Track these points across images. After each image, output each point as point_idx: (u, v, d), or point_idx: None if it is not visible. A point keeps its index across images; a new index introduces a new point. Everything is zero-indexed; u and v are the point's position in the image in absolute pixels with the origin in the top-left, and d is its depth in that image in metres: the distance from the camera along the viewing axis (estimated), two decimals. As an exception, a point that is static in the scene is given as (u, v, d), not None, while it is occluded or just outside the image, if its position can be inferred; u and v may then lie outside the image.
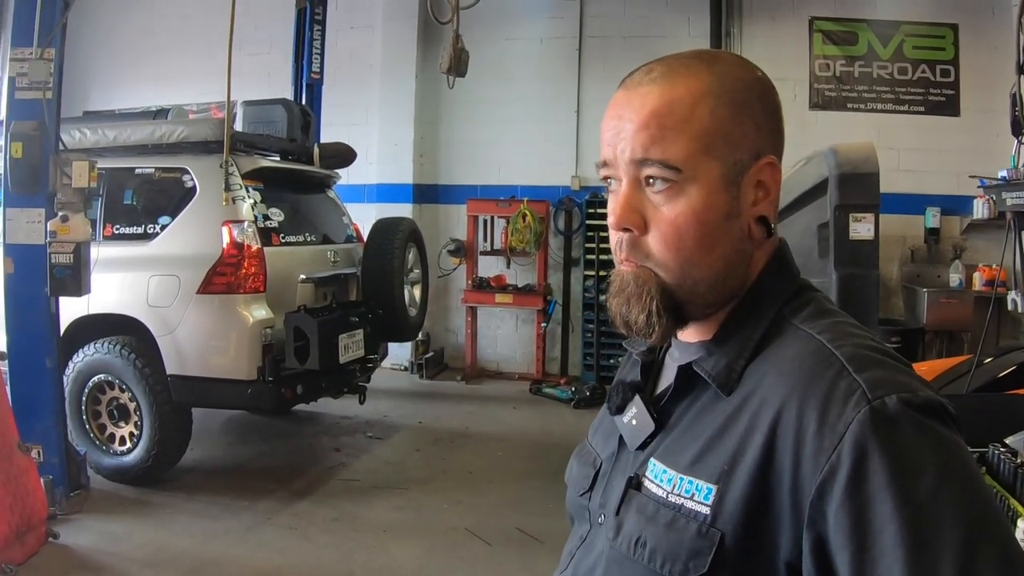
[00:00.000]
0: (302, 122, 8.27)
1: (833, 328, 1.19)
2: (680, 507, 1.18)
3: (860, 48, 10.29)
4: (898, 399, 1.04)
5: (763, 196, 1.28)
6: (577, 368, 11.07)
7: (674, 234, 1.22)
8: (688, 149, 1.20)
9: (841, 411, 1.05)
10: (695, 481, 1.17)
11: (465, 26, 8.02)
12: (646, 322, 1.26)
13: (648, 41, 10.37)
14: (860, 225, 6.43)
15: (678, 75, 1.23)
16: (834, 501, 1.02)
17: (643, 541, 1.20)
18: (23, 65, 5.66)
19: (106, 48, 12.66)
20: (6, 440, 5.22)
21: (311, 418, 8.76)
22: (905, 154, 9.87)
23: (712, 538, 1.12)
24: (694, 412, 1.27)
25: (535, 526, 5.90)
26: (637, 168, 1.23)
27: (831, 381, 1.09)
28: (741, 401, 1.19)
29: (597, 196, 10.66)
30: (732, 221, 1.25)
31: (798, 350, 1.17)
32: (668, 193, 1.22)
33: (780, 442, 1.09)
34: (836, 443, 1.03)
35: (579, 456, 1.55)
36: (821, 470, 1.03)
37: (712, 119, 1.22)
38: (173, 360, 6.37)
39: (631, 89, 1.26)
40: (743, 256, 1.28)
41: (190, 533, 5.69)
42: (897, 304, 10.04)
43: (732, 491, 1.12)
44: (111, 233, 6.70)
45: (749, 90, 1.26)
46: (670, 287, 1.25)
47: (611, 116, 1.27)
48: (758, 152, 1.26)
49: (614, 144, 1.25)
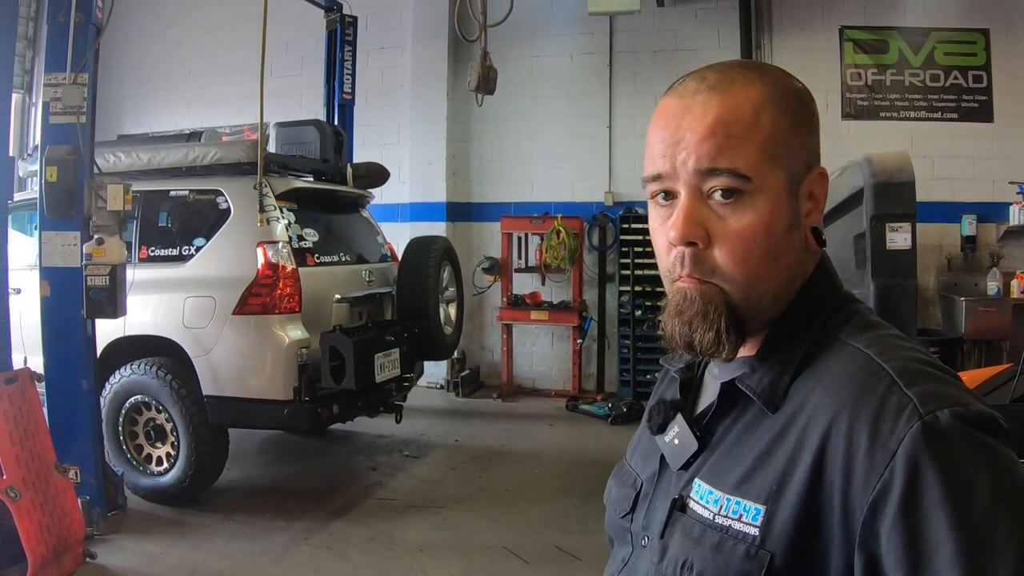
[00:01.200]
0: (335, 142, 8.28)
1: (880, 341, 1.16)
2: (728, 528, 1.15)
3: (891, 56, 10.19)
4: (951, 413, 1.00)
5: (813, 207, 1.26)
6: (613, 384, 11.00)
7: (742, 246, 1.19)
8: (756, 158, 1.17)
9: (893, 427, 1.01)
10: (743, 502, 1.14)
11: (494, 44, 8.04)
12: (714, 340, 1.21)
13: (678, 55, 10.34)
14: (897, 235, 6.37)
15: (735, 83, 1.20)
16: (887, 520, 0.99)
17: (689, 564, 1.17)
18: (57, 90, 5.72)
19: (139, 73, 12.84)
20: (43, 461, 5.25)
21: (347, 437, 8.75)
22: (939, 162, 9.79)
23: (761, 560, 1.09)
24: (738, 430, 1.23)
25: (573, 543, 5.86)
26: (702, 179, 1.19)
27: (881, 396, 1.05)
28: (788, 418, 1.15)
29: (632, 211, 10.64)
30: (794, 232, 1.23)
31: (846, 365, 1.14)
32: (735, 204, 1.18)
33: (830, 460, 1.06)
34: (888, 460, 1.00)
35: (618, 477, 1.52)
36: (873, 488, 1.00)
37: (775, 127, 1.19)
38: (209, 381, 6.38)
39: (687, 97, 1.21)
40: (802, 268, 1.26)
41: (226, 553, 5.69)
42: (934, 314, 9.92)
43: (781, 511, 1.09)
44: (146, 255, 6.74)
45: (800, 100, 1.25)
46: (735, 302, 1.21)
47: (663, 126, 1.23)
48: (810, 162, 1.24)
49: (671, 155, 1.20)
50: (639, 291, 10.50)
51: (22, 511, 4.94)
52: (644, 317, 10.39)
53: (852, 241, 6.70)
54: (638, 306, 10.47)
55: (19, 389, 5.26)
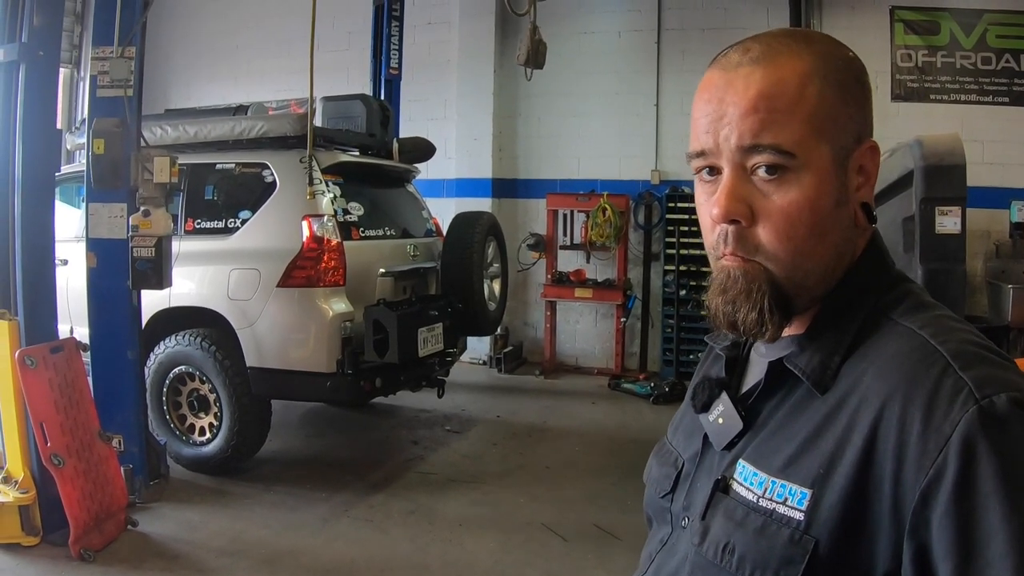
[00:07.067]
0: (381, 117, 8.29)
1: (935, 322, 1.13)
2: (772, 512, 1.12)
3: (942, 38, 10.00)
4: (1007, 398, 0.98)
5: (864, 181, 1.22)
6: (656, 364, 10.96)
7: (787, 224, 1.15)
8: (801, 133, 1.14)
9: (947, 411, 0.99)
10: (788, 485, 1.11)
11: (542, 20, 8.00)
12: (757, 320, 1.19)
13: (727, 33, 10.15)
14: (946, 219, 6.28)
15: (780, 55, 1.17)
16: (939, 508, 0.96)
17: (731, 547, 1.15)
18: (104, 64, 5.77)
19: (185, 48, 12.93)
20: (87, 429, 5.33)
21: (389, 411, 8.79)
22: (989, 146, 9.59)
23: (806, 546, 1.07)
24: (785, 411, 1.20)
25: (612, 522, 5.85)
26: (745, 155, 1.16)
27: (936, 379, 1.02)
28: (838, 400, 1.12)
29: (678, 190, 10.58)
30: (842, 208, 1.19)
31: (899, 346, 1.11)
32: (779, 180, 1.15)
33: (881, 444, 1.03)
34: (942, 445, 0.97)
35: (659, 456, 1.49)
36: (926, 474, 0.97)
37: (821, 100, 1.15)
38: (253, 352, 6.42)
39: (729, 70, 1.18)
40: (850, 245, 1.22)
41: (266, 523, 5.75)
42: (981, 301, 9.74)
43: (828, 496, 1.06)
44: (192, 228, 6.79)
45: (849, 70, 1.20)
46: (780, 281, 1.18)
47: (707, 100, 1.19)
48: (860, 135, 1.20)
49: (714, 131, 1.18)
50: (684, 271, 10.45)
51: (65, 478, 5.02)
52: (688, 297, 10.35)
53: (900, 224, 6.62)
54: (683, 286, 10.43)
55: (65, 358, 5.33)
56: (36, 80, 5.47)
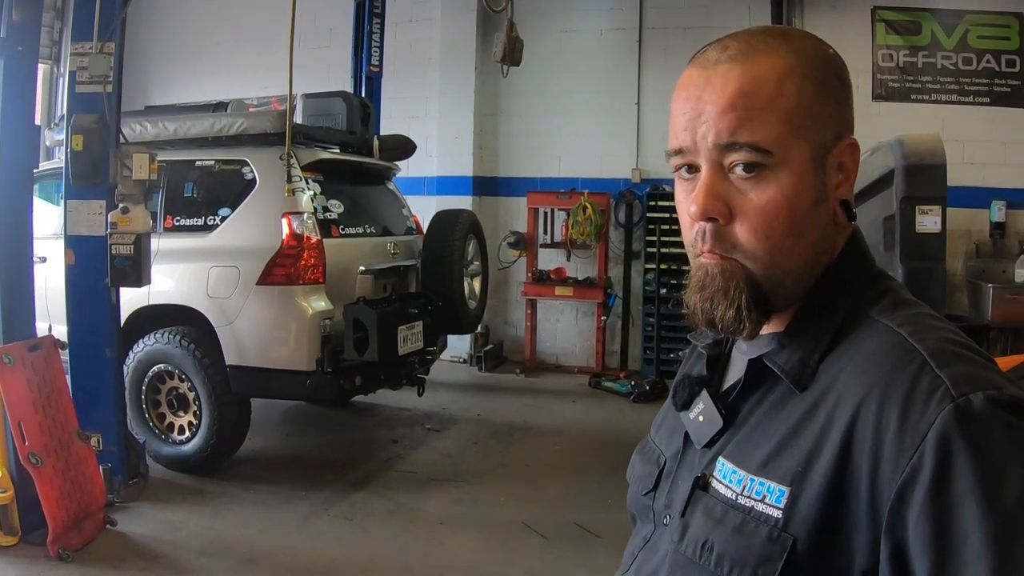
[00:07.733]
0: (362, 114, 8.25)
1: (914, 320, 1.13)
2: (750, 510, 1.12)
3: (924, 38, 10.05)
4: (984, 396, 0.97)
5: (843, 179, 1.22)
6: (637, 362, 10.97)
7: (764, 222, 1.15)
8: (778, 130, 1.13)
9: (924, 409, 0.98)
10: (766, 482, 1.11)
11: (523, 18, 7.99)
12: (735, 318, 1.18)
13: (709, 31, 9.96)
14: (927, 218, 6.32)
15: (758, 52, 1.16)
16: (915, 506, 0.95)
17: (710, 545, 1.15)
18: (84, 59, 5.73)
19: (165, 44, 12.84)
20: (66, 428, 5.30)
21: (369, 409, 8.77)
22: (970, 146, 9.64)
23: (784, 543, 1.07)
24: (765, 409, 1.20)
25: (592, 520, 5.86)
26: (722, 153, 1.15)
27: (913, 377, 1.02)
28: (816, 398, 1.12)
29: (659, 188, 10.61)
30: (820, 206, 1.19)
31: (877, 344, 1.10)
32: (757, 178, 1.15)
33: (858, 442, 1.03)
34: (918, 443, 0.97)
35: (642, 453, 1.49)
36: (902, 472, 0.97)
37: (799, 98, 1.15)
38: (232, 351, 6.40)
39: (707, 68, 1.18)
40: (829, 243, 1.22)
41: (246, 522, 5.73)
42: (961, 300, 9.80)
43: (806, 494, 1.06)
44: (171, 225, 6.76)
45: (828, 67, 1.20)
46: (758, 279, 1.18)
47: (685, 98, 1.19)
48: (839, 132, 1.20)
49: (692, 129, 1.17)
50: (664, 269, 10.46)
51: (43, 477, 4.98)
52: (669, 295, 10.36)
53: (881, 223, 6.66)
54: (663, 284, 10.44)
55: (43, 356, 5.30)
56: (15, 75, 5.44)
